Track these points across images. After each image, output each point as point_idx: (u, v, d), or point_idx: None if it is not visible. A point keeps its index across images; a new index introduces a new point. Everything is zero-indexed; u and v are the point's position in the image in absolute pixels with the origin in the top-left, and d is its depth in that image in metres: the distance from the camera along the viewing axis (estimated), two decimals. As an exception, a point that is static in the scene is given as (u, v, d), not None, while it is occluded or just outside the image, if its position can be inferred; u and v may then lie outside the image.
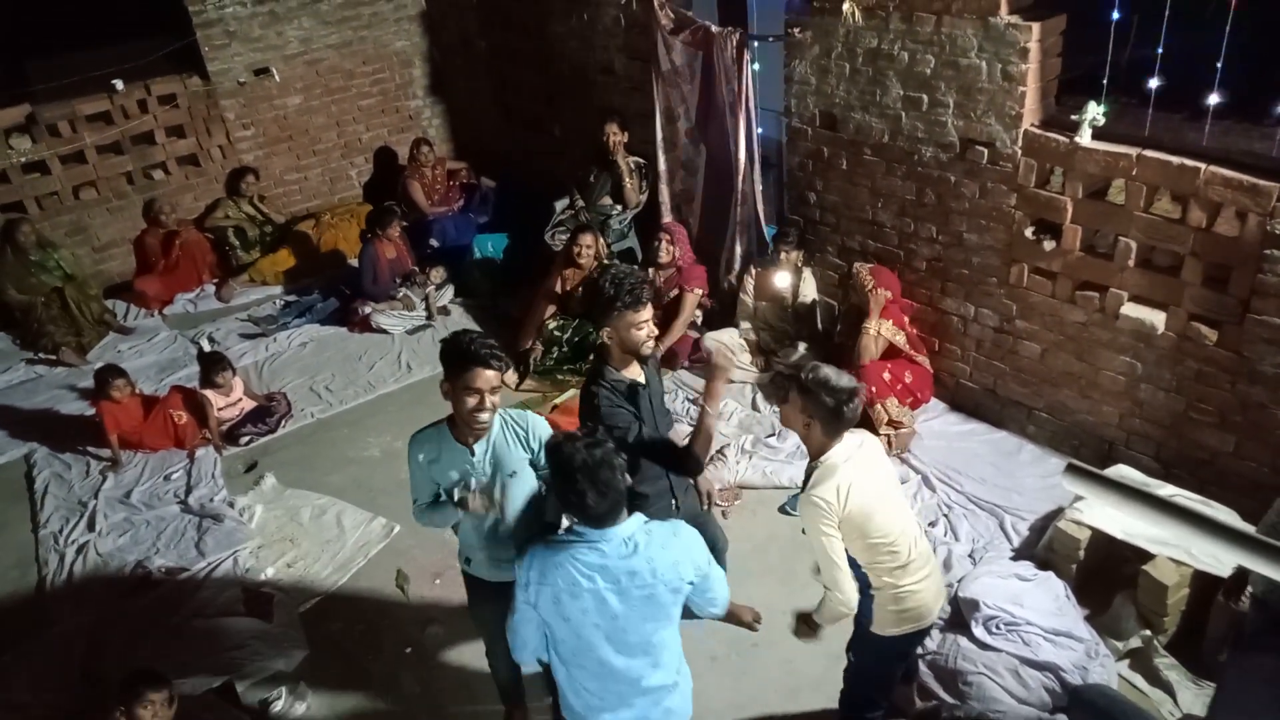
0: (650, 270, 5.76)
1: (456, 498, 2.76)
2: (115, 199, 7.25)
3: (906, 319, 4.90)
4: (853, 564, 2.76)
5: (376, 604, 4.22)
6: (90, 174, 7.10)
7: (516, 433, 2.85)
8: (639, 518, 2.37)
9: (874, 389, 4.67)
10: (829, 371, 2.67)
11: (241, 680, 3.82)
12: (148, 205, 7.11)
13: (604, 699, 2.45)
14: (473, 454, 2.81)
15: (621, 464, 2.30)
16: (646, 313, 2.97)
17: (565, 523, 2.64)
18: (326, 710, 3.75)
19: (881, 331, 4.74)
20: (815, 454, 2.74)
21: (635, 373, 3.11)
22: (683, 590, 2.37)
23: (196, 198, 7.56)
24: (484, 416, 2.70)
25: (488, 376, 2.65)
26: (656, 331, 3.11)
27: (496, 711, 3.57)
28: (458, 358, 2.66)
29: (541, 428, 2.89)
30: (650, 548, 2.31)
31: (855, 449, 2.73)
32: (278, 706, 3.72)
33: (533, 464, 2.86)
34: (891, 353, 4.81)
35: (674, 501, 3.31)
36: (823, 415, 2.64)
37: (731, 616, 3.88)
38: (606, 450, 2.29)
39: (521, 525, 2.86)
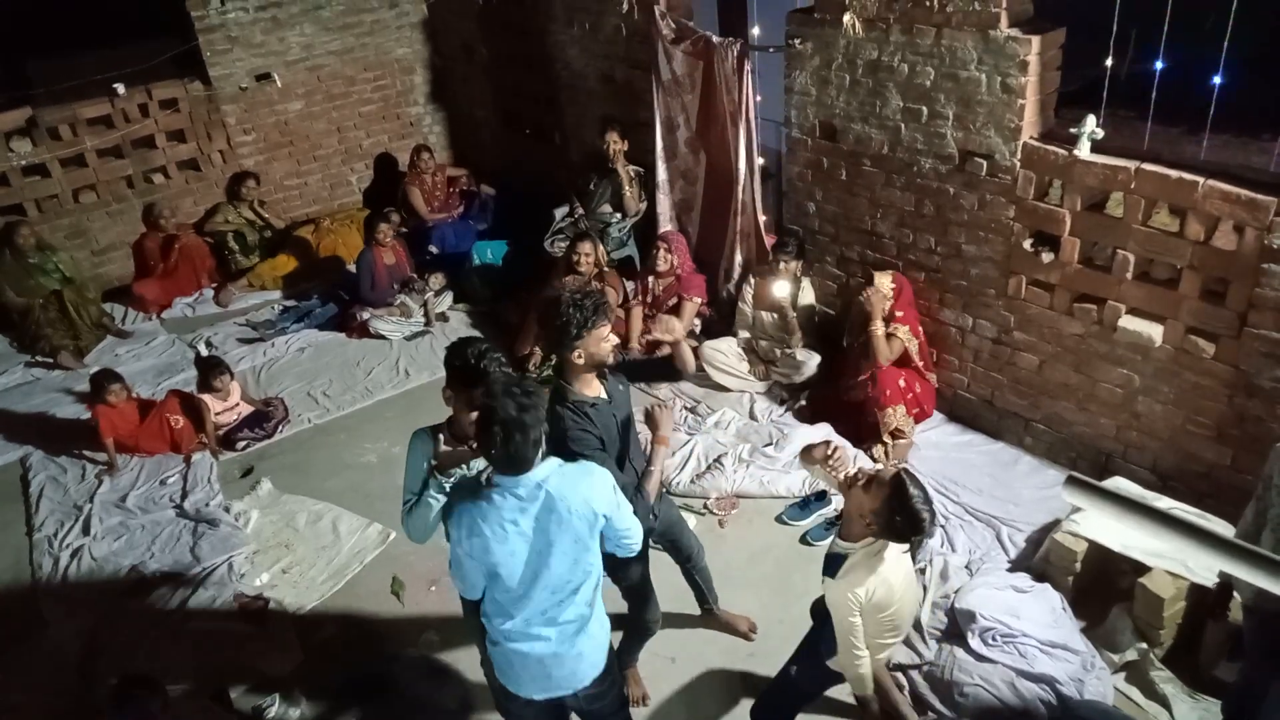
0: (651, 278, 5.77)
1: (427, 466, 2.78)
2: (115, 202, 7.26)
3: (920, 330, 4.89)
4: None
5: (371, 611, 4.21)
6: (90, 177, 7.11)
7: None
8: (553, 461, 2.50)
9: (887, 392, 4.68)
10: (918, 495, 2.57)
11: (235, 686, 3.81)
12: (147, 209, 7.12)
13: (526, 630, 2.59)
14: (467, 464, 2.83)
15: (541, 421, 2.42)
16: (604, 328, 2.97)
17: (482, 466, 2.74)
18: (320, 717, 3.73)
19: (897, 334, 4.74)
20: (857, 538, 2.73)
21: (595, 390, 3.07)
22: (597, 523, 2.54)
23: (196, 202, 7.57)
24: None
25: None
26: (617, 340, 3.10)
27: (491, 718, 3.56)
28: (466, 372, 2.70)
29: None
30: (563, 486, 2.47)
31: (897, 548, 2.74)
32: (271, 712, 3.70)
33: None
34: (905, 362, 4.81)
35: (651, 514, 3.24)
36: (890, 529, 2.62)
37: (727, 626, 3.88)
38: (534, 414, 2.39)
39: None
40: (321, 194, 8.19)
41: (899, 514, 2.56)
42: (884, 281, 4.72)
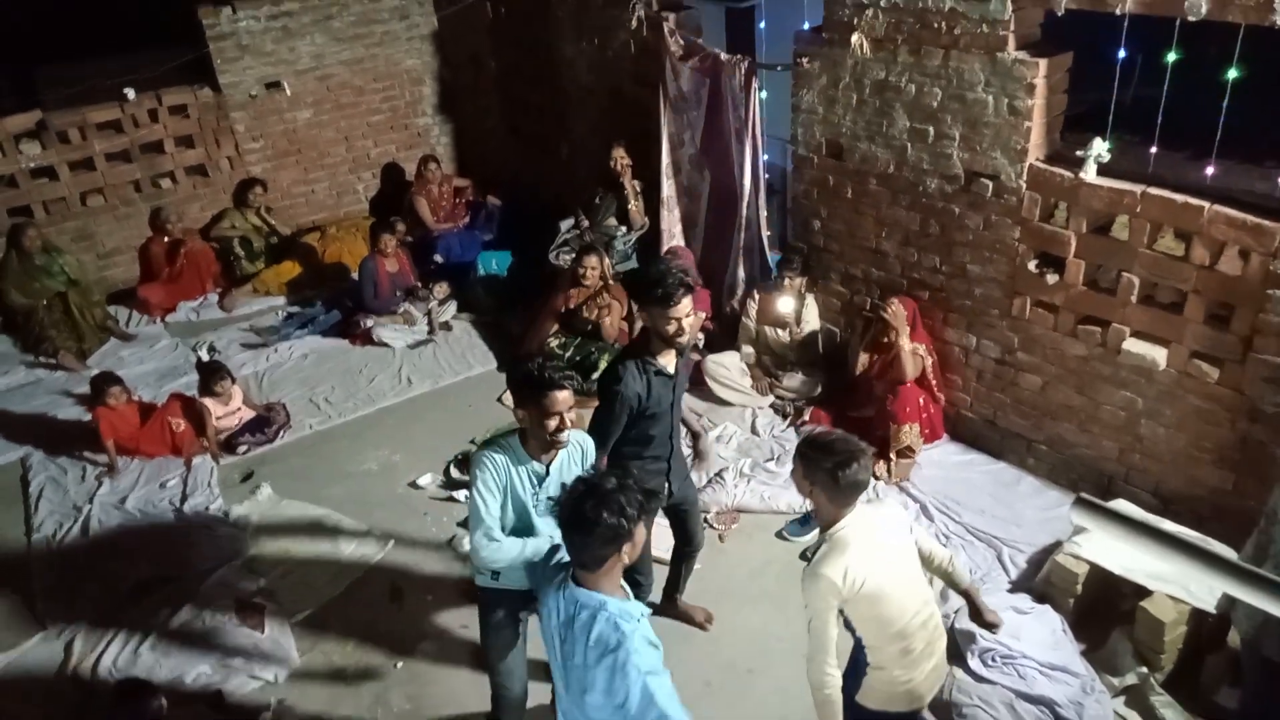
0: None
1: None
2: (122, 206, 7.27)
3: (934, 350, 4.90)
4: (856, 640, 2.72)
5: (369, 618, 4.19)
6: (98, 181, 7.13)
7: (576, 453, 3.02)
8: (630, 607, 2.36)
9: (907, 409, 4.69)
10: (829, 434, 2.62)
11: (232, 691, 3.80)
12: (154, 214, 7.13)
13: None
14: (547, 473, 2.94)
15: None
16: (680, 309, 3.16)
17: None
18: (315, 724, 3.72)
19: (918, 351, 4.75)
20: (825, 526, 2.64)
21: (669, 361, 3.33)
22: None
23: (203, 207, 7.59)
24: (564, 436, 2.87)
25: (563, 398, 2.80)
26: (689, 326, 3.26)
27: None
28: (532, 386, 2.80)
29: (591, 447, 3.09)
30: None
31: (871, 523, 2.62)
32: (268, 717, 3.68)
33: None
34: (922, 382, 4.83)
35: (668, 486, 3.51)
36: (821, 480, 2.55)
37: (684, 615, 3.98)
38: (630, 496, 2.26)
39: None
40: (328, 202, 8.21)
41: (810, 451, 2.56)
42: (896, 305, 4.74)
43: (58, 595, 4.40)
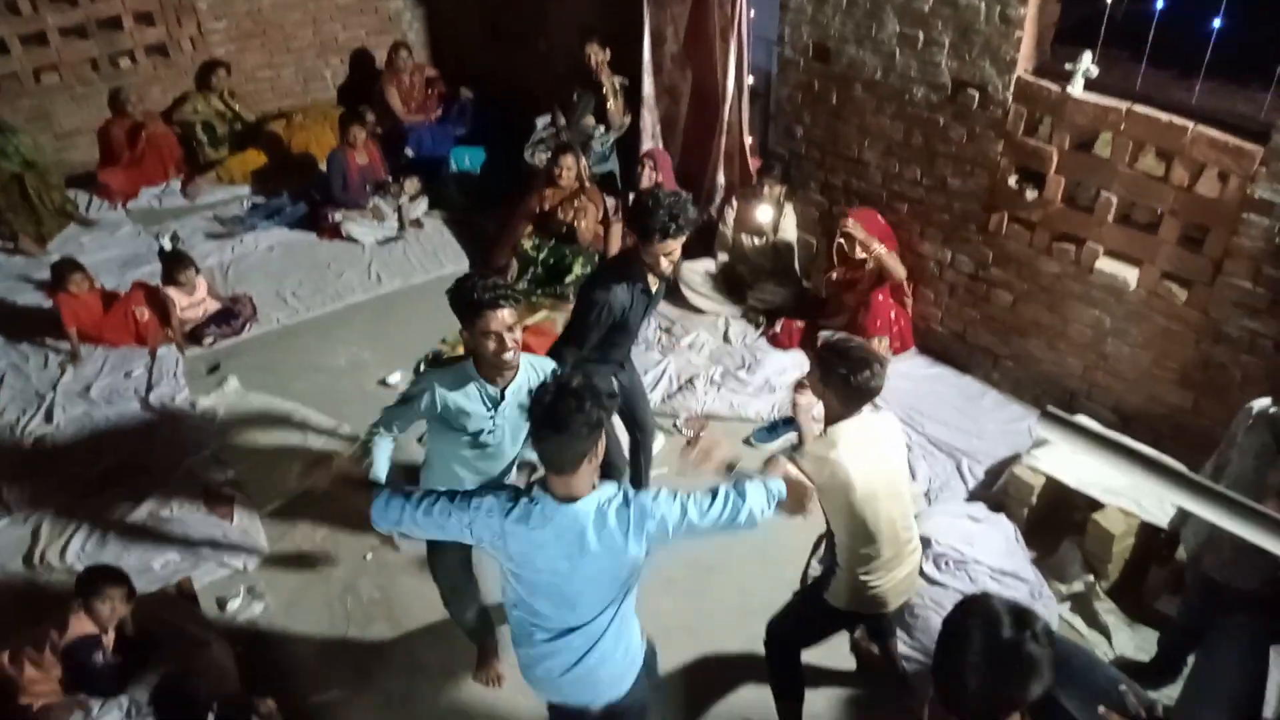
0: (633, 196, 5.68)
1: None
2: (80, 86, 6.95)
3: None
4: (830, 535, 2.82)
5: (338, 512, 4.21)
6: (52, 57, 6.79)
7: (535, 379, 2.85)
8: (597, 496, 2.26)
9: (878, 321, 4.72)
10: (849, 340, 2.68)
11: (200, 579, 3.84)
12: (114, 94, 6.84)
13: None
14: (503, 398, 2.83)
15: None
16: (671, 246, 3.21)
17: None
18: (283, 611, 3.78)
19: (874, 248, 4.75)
20: (828, 422, 2.72)
21: (652, 282, 3.41)
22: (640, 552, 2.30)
23: (165, 90, 7.28)
24: (508, 356, 2.72)
25: (500, 318, 2.66)
26: (677, 260, 3.34)
27: (452, 623, 3.63)
28: (468, 305, 2.66)
29: (550, 370, 2.92)
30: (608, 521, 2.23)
31: (871, 426, 2.70)
32: (234, 605, 3.74)
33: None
34: (895, 294, 4.83)
35: (617, 384, 3.55)
36: (835, 384, 2.64)
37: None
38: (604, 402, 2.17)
39: None
40: (294, 88, 7.91)
41: (829, 354, 2.65)
42: (850, 220, 4.70)
43: (21, 481, 4.37)
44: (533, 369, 2.91)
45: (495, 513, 2.27)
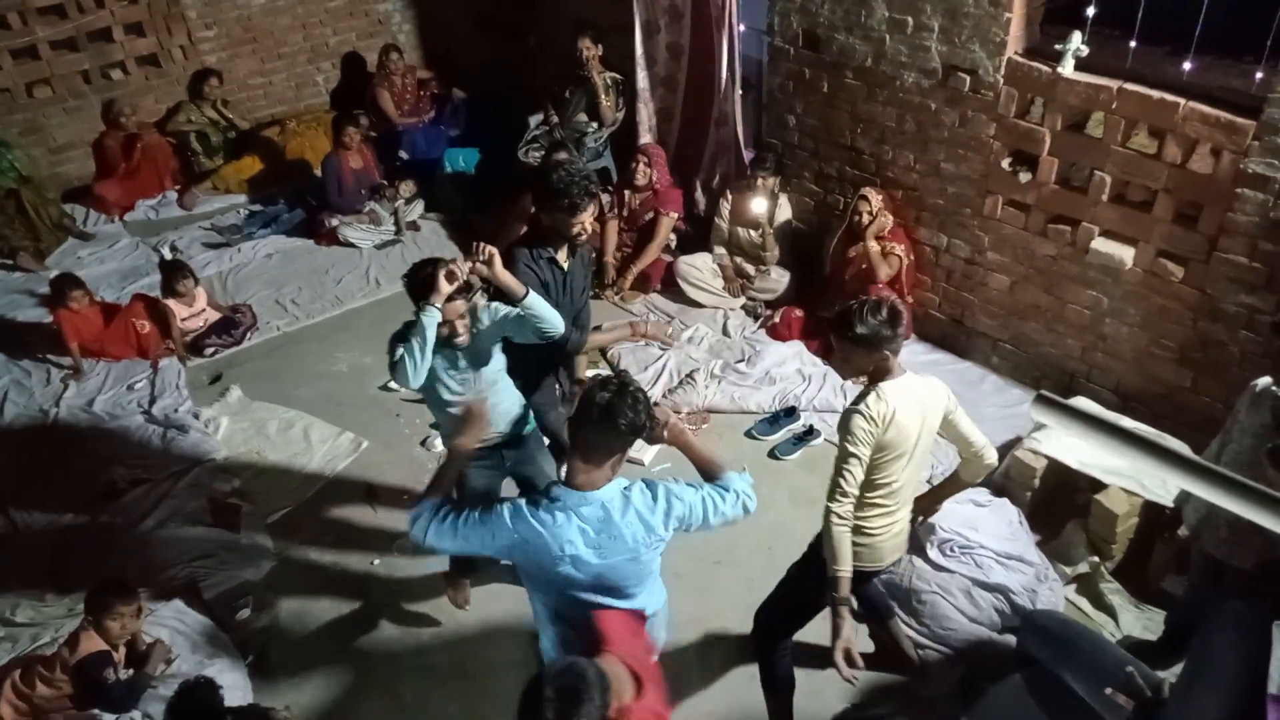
0: (628, 192, 5.67)
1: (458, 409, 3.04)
2: (72, 98, 6.95)
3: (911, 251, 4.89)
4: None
5: (344, 518, 4.25)
6: (44, 70, 6.78)
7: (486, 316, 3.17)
8: (619, 482, 2.41)
9: None
10: (847, 304, 2.68)
11: (209, 590, 3.86)
12: (107, 106, 6.84)
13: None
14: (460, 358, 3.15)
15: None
16: (585, 216, 3.27)
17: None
18: (293, 620, 3.80)
19: (895, 251, 4.75)
20: (873, 378, 2.70)
21: (562, 257, 3.40)
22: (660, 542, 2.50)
23: (158, 100, 7.27)
24: (460, 340, 3.09)
25: (455, 306, 2.99)
26: (590, 231, 3.38)
27: (463, 625, 3.64)
28: (420, 294, 2.97)
29: (501, 308, 3.14)
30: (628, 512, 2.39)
31: (915, 388, 2.72)
32: (244, 615, 3.76)
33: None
34: (894, 283, 4.82)
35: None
36: (847, 343, 2.65)
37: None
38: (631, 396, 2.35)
39: (503, 387, 3.30)
40: (287, 94, 7.90)
41: (834, 319, 2.68)
42: (874, 196, 4.70)
43: (28, 499, 4.39)
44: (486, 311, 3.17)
45: (521, 513, 2.37)
